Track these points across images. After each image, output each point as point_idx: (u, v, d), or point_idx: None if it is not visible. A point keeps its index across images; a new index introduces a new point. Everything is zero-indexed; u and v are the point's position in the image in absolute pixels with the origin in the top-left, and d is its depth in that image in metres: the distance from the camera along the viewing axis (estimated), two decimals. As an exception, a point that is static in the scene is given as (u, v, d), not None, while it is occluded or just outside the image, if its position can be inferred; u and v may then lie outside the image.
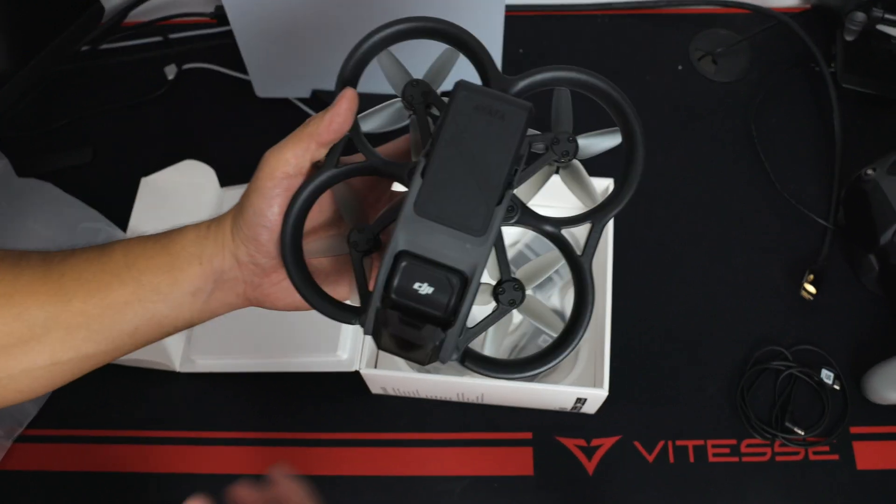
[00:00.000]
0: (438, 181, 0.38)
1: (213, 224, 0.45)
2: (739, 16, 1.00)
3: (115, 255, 0.45)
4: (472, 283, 0.38)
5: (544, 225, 0.44)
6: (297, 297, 0.43)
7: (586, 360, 0.78)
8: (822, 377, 0.78)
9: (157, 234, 0.46)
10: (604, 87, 0.42)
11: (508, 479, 0.75)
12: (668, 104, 0.95)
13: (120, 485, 0.76)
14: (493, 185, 0.38)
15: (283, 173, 0.42)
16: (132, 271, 0.44)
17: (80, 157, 0.94)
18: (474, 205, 0.38)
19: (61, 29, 0.95)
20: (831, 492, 0.73)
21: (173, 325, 0.46)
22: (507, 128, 0.39)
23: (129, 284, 0.44)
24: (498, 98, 0.40)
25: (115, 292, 0.44)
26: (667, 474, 0.74)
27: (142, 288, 0.44)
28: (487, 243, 0.38)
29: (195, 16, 1.02)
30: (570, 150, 0.44)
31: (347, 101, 0.42)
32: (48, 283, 0.44)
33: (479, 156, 0.38)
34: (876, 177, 0.79)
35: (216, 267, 0.44)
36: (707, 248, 0.86)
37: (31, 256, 0.46)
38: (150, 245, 0.45)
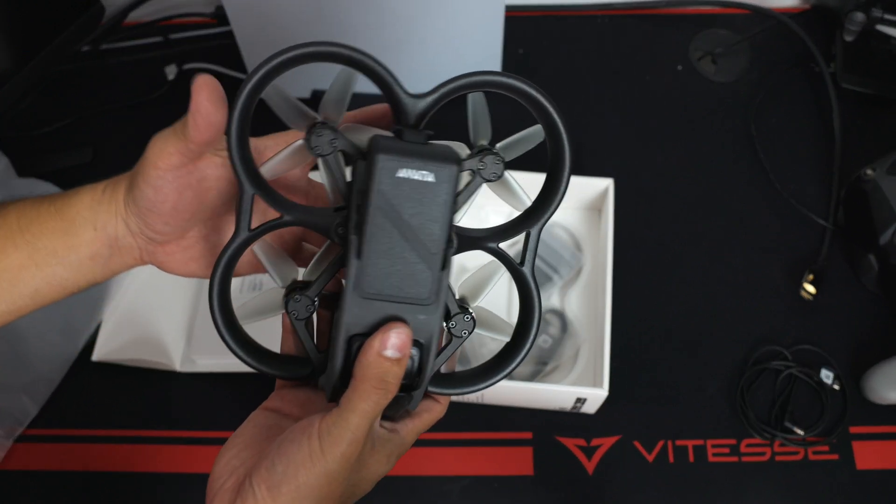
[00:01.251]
0: (376, 258, 0.36)
1: (109, 188, 0.44)
2: (739, 16, 1.00)
3: (9, 219, 0.44)
4: (431, 350, 0.38)
5: (482, 243, 0.42)
6: (195, 266, 0.44)
7: (586, 360, 0.78)
8: (822, 377, 0.78)
9: (52, 195, 0.44)
10: (517, 84, 0.39)
11: (508, 478, 0.75)
12: (667, 104, 0.95)
13: (120, 484, 0.76)
14: (433, 252, 0.36)
15: (167, 164, 0.40)
16: (26, 235, 0.43)
17: (81, 157, 0.94)
18: (418, 275, 0.37)
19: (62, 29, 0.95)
20: (831, 492, 0.73)
21: (76, 286, 0.45)
22: (438, 190, 0.36)
23: (23, 248, 0.43)
24: (421, 157, 0.36)
25: (10, 256, 0.43)
26: (667, 474, 0.75)
27: (38, 252, 0.43)
28: (439, 309, 0.38)
29: (195, 16, 1.02)
30: (499, 170, 0.40)
31: (204, 92, 0.37)
32: None
33: (414, 224, 0.36)
34: (875, 177, 0.79)
35: (110, 234, 0.43)
36: (707, 248, 0.86)
37: None
38: (44, 208, 0.44)
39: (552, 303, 0.82)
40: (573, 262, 0.82)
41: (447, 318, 0.41)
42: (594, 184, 0.80)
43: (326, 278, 0.40)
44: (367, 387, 0.37)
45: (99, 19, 1.00)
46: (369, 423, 0.37)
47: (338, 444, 0.36)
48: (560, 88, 0.95)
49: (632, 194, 0.86)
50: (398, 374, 0.37)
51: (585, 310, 0.81)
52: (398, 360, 0.37)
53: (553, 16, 1.01)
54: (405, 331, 0.37)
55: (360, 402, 0.37)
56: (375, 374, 0.37)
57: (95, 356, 0.79)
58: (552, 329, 0.79)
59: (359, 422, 0.37)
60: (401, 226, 0.36)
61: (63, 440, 0.78)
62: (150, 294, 0.81)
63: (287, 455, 0.36)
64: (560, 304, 0.81)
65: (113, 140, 0.95)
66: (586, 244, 0.84)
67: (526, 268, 0.43)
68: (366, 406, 0.37)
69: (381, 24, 0.82)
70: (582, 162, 0.90)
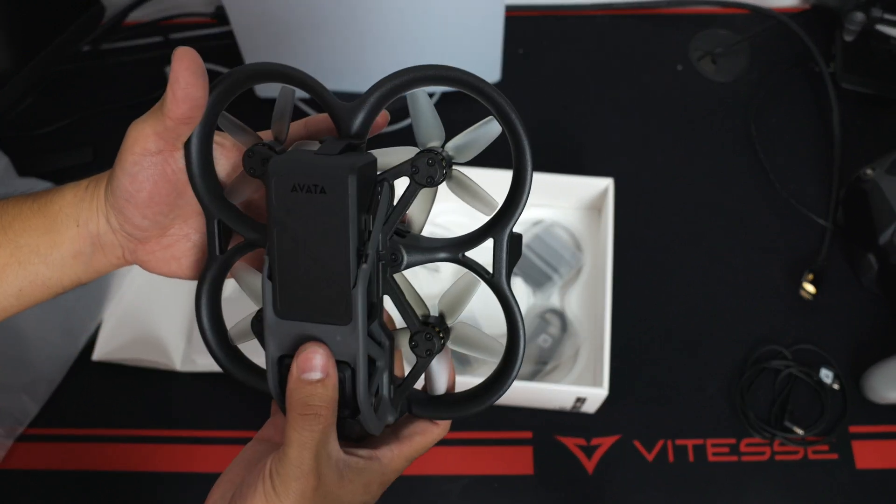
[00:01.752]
0: (287, 279, 0.35)
1: (92, 185, 0.43)
2: (739, 16, 1.00)
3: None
4: (358, 371, 0.36)
5: (439, 254, 0.39)
6: (176, 266, 0.43)
7: (586, 359, 0.78)
8: (822, 377, 0.78)
9: (35, 193, 0.44)
10: (460, 75, 0.36)
11: (508, 478, 0.75)
12: (667, 104, 0.95)
13: (120, 484, 0.76)
14: (339, 270, 0.35)
15: (143, 149, 0.39)
16: (8, 233, 0.43)
17: (81, 156, 0.94)
18: (330, 293, 0.35)
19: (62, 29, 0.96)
20: (831, 491, 0.73)
21: (60, 285, 0.44)
22: (334, 202, 0.34)
23: (5, 247, 0.43)
24: (313, 168, 0.34)
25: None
26: (666, 473, 0.75)
27: (20, 250, 0.43)
28: (357, 328, 0.35)
29: (195, 16, 1.02)
30: (435, 172, 0.37)
31: (184, 62, 0.35)
32: None
33: (314, 240, 0.35)
34: (875, 177, 0.79)
35: (92, 231, 0.43)
36: (707, 248, 0.86)
37: None
38: (27, 206, 0.43)
39: (552, 302, 0.82)
40: (573, 261, 0.82)
41: (410, 338, 0.39)
42: (594, 184, 0.80)
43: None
44: (294, 415, 0.35)
45: (99, 19, 1.00)
46: (312, 454, 0.35)
47: (287, 482, 0.35)
48: (560, 88, 0.95)
49: (632, 194, 0.86)
50: (325, 395, 0.35)
51: (585, 309, 0.81)
52: (321, 382, 0.35)
53: (553, 16, 1.01)
54: (320, 350, 0.36)
55: (293, 432, 0.35)
56: (298, 399, 0.35)
57: (96, 356, 0.79)
58: (552, 329, 0.79)
59: (298, 454, 0.35)
60: (302, 243, 0.35)
61: (63, 440, 0.78)
62: (150, 294, 0.81)
63: (246, 499, 0.36)
64: (560, 303, 0.81)
65: (113, 140, 0.93)
66: (586, 244, 0.84)
67: (496, 279, 0.39)
68: (299, 436, 0.35)
69: (382, 25, 0.82)
70: (582, 162, 0.90)
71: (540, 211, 0.84)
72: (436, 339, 0.39)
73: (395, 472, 0.40)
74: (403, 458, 0.40)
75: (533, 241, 0.83)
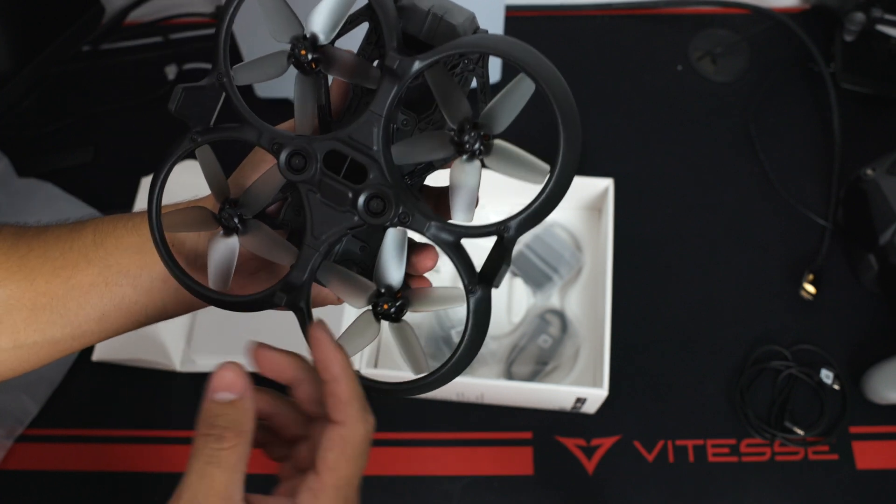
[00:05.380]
0: None
1: (189, 202, 0.41)
2: (738, 16, 1.00)
3: (85, 234, 0.42)
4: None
5: (443, 234, 0.35)
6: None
7: (586, 359, 0.78)
8: (822, 377, 0.78)
9: (132, 213, 0.43)
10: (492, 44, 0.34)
11: (508, 478, 0.75)
12: (667, 104, 0.95)
13: (121, 484, 0.76)
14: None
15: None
16: (99, 251, 0.41)
17: (81, 156, 0.94)
18: None
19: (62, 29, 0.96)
20: (831, 491, 0.73)
21: (144, 314, 0.42)
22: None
23: (95, 264, 0.41)
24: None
25: (81, 272, 0.41)
26: (666, 474, 0.75)
27: (108, 269, 0.41)
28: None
29: (195, 16, 1.02)
30: (475, 141, 0.33)
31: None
32: (12, 259, 0.41)
33: None
34: (875, 177, 0.79)
35: (189, 249, 0.41)
36: (707, 248, 0.86)
37: (4, 230, 0.42)
38: (121, 224, 0.42)
39: (552, 303, 0.82)
40: (573, 261, 0.82)
41: (381, 295, 0.36)
42: (594, 184, 0.80)
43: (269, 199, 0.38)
44: (196, 436, 0.33)
45: (99, 20, 1.00)
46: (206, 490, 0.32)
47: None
48: (560, 88, 0.95)
49: (632, 194, 0.86)
50: (234, 418, 0.33)
51: (585, 310, 0.81)
52: (232, 404, 0.34)
53: (553, 16, 1.01)
54: (235, 368, 0.34)
55: (191, 456, 0.33)
56: (203, 417, 0.34)
57: (96, 356, 0.79)
58: (552, 329, 0.79)
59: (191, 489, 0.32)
60: None
61: (63, 440, 0.78)
62: (150, 294, 0.81)
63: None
64: (560, 303, 0.81)
65: (114, 140, 0.95)
66: (586, 244, 0.84)
67: (472, 287, 0.35)
68: (195, 462, 0.33)
69: None
70: (582, 162, 0.90)
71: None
72: (397, 311, 0.36)
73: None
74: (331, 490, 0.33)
75: (533, 241, 0.83)
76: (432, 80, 0.34)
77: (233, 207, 0.38)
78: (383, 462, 0.76)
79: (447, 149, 0.34)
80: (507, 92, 0.34)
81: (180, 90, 0.38)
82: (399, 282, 0.36)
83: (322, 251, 0.36)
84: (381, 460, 0.76)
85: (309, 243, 0.36)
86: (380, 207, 0.35)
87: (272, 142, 0.36)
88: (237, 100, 0.38)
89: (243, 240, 0.38)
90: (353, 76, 0.36)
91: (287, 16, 0.36)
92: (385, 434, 0.77)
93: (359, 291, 0.37)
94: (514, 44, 0.35)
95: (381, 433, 0.77)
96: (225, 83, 0.38)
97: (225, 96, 0.38)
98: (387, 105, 0.35)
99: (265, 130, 0.37)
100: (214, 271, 0.39)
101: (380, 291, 0.36)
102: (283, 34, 0.37)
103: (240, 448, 0.33)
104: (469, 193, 0.34)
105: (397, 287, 0.36)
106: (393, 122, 0.36)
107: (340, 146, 0.35)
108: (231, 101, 0.38)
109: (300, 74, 0.37)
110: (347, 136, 0.35)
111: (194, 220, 0.39)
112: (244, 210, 0.38)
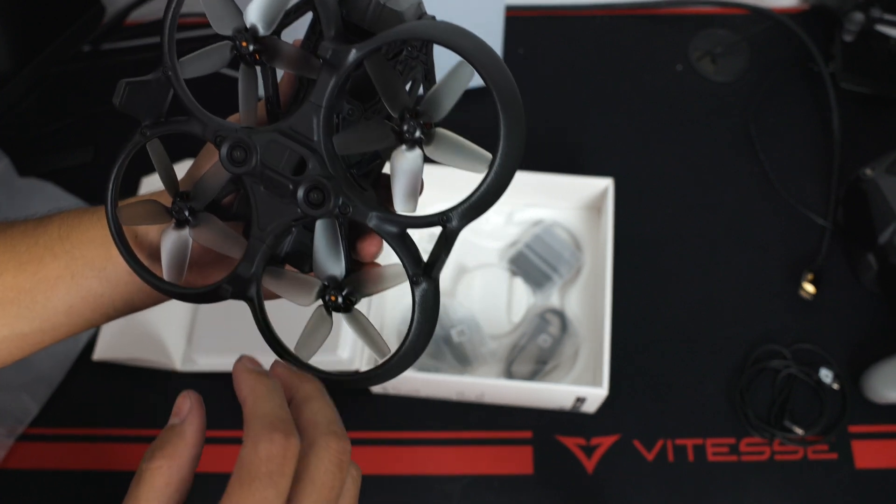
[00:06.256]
0: None
1: (156, 198, 0.41)
2: (738, 16, 1.00)
3: (51, 228, 0.42)
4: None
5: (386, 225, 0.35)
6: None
7: (586, 359, 0.78)
8: (821, 376, 0.78)
9: (97, 207, 0.43)
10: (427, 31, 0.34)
11: (508, 478, 0.75)
12: (667, 104, 0.95)
13: (121, 484, 0.76)
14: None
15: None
16: (65, 244, 0.41)
17: (81, 156, 0.94)
18: None
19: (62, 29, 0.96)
20: (830, 491, 0.73)
21: (112, 306, 0.43)
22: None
23: (61, 258, 0.41)
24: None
25: (47, 266, 0.41)
26: (666, 473, 0.75)
27: (74, 262, 0.41)
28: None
29: (195, 16, 1.02)
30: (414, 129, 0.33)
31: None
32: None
33: None
34: (874, 176, 0.79)
35: (152, 242, 0.41)
36: (707, 248, 0.86)
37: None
38: (86, 218, 0.42)
39: (552, 302, 0.82)
40: (573, 261, 0.82)
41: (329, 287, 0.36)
42: (594, 184, 0.80)
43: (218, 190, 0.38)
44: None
45: (99, 19, 1.00)
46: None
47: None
48: (560, 88, 0.95)
49: (632, 194, 0.86)
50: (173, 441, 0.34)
51: (585, 309, 0.81)
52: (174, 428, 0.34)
53: (553, 16, 1.01)
54: (191, 395, 0.35)
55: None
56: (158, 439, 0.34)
57: (96, 356, 0.79)
58: (552, 328, 0.80)
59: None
60: None
61: (64, 439, 0.78)
62: (150, 294, 0.82)
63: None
64: (560, 303, 0.81)
65: (114, 140, 0.95)
66: (586, 244, 0.84)
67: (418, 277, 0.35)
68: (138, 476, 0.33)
69: None
70: (582, 162, 0.90)
71: (540, 211, 0.84)
72: (347, 303, 0.36)
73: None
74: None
75: (533, 241, 0.83)
76: (371, 69, 0.33)
77: (184, 200, 0.38)
78: (383, 462, 0.76)
79: (388, 138, 0.34)
80: (446, 78, 0.33)
81: (123, 85, 0.39)
82: (342, 271, 0.36)
83: (269, 243, 0.36)
84: (381, 460, 0.76)
85: (255, 235, 0.36)
86: (319, 199, 0.34)
87: (215, 134, 0.36)
88: (183, 93, 0.38)
89: (194, 232, 0.38)
90: (296, 68, 0.36)
91: (228, 7, 0.37)
92: (385, 434, 0.77)
93: (304, 289, 0.37)
94: (453, 30, 0.34)
95: (382, 433, 0.77)
96: (171, 76, 0.38)
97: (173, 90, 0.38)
98: (325, 95, 0.34)
99: (210, 123, 0.37)
100: (167, 263, 0.39)
101: (325, 285, 0.36)
102: (224, 26, 0.37)
103: (166, 472, 0.33)
104: (410, 182, 0.34)
105: (341, 277, 0.36)
106: (339, 112, 0.36)
107: (280, 138, 0.35)
108: (177, 94, 0.38)
109: (243, 66, 0.37)
110: (289, 126, 0.35)
111: (148, 213, 0.39)
112: (195, 202, 0.38)
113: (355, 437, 0.77)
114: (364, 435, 0.77)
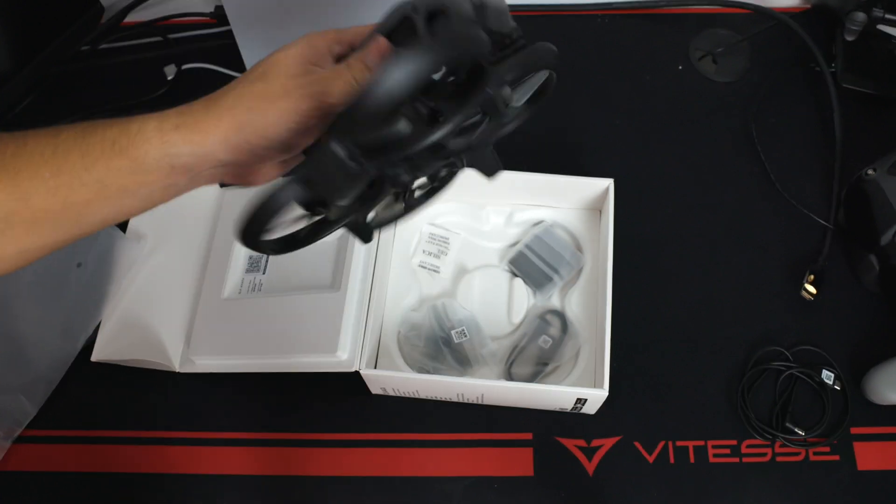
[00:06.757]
0: None
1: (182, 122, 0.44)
2: (739, 16, 1.00)
3: (72, 157, 0.43)
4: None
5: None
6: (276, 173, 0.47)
7: (587, 360, 0.78)
8: (823, 377, 0.78)
9: (112, 128, 0.44)
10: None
11: (508, 479, 0.75)
12: (668, 104, 0.95)
13: (120, 485, 0.76)
14: None
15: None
16: (93, 173, 0.42)
17: (80, 157, 0.94)
18: None
19: (62, 29, 0.96)
20: (832, 492, 0.73)
21: (142, 210, 0.46)
22: None
23: (91, 186, 0.42)
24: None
25: (77, 193, 0.42)
26: (667, 475, 0.74)
27: (107, 189, 0.43)
28: None
29: (195, 16, 1.02)
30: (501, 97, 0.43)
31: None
32: (1, 179, 0.42)
33: None
34: (876, 177, 0.79)
35: (190, 166, 0.44)
36: (707, 248, 0.86)
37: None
38: (107, 146, 0.43)
39: (552, 303, 0.81)
40: (574, 262, 0.82)
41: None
42: (594, 184, 0.80)
43: None
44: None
45: (98, 19, 1.00)
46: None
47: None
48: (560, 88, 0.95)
49: (632, 194, 0.86)
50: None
51: (586, 310, 0.80)
52: None
53: (553, 16, 1.01)
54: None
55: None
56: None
57: (95, 356, 0.79)
58: (552, 330, 0.79)
59: None
60: None
61: (62, 441, 0.78)
62: (149, 295, 0.81)
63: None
64: (560, 304, 0.81)
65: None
66: (586, 244, 0.84)
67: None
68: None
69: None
70: (582, 162, 0.90)
71: (540, 211, 0.84)
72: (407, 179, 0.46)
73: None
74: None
75: (533, 242, 0.83)
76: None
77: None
78: (383, 463, 0.75)
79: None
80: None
81: None
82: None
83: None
84: (381, 461, 0.75)
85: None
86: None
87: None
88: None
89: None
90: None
91: None
92: (385, 434, 0.77)
93: None
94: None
95: (381, 434, 0.77)
96: None
97: None
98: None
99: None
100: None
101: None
102: None
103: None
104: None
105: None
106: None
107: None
108: None
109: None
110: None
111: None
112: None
113: (354, 438, 0.77)
114: (364, 436, 0.77)
